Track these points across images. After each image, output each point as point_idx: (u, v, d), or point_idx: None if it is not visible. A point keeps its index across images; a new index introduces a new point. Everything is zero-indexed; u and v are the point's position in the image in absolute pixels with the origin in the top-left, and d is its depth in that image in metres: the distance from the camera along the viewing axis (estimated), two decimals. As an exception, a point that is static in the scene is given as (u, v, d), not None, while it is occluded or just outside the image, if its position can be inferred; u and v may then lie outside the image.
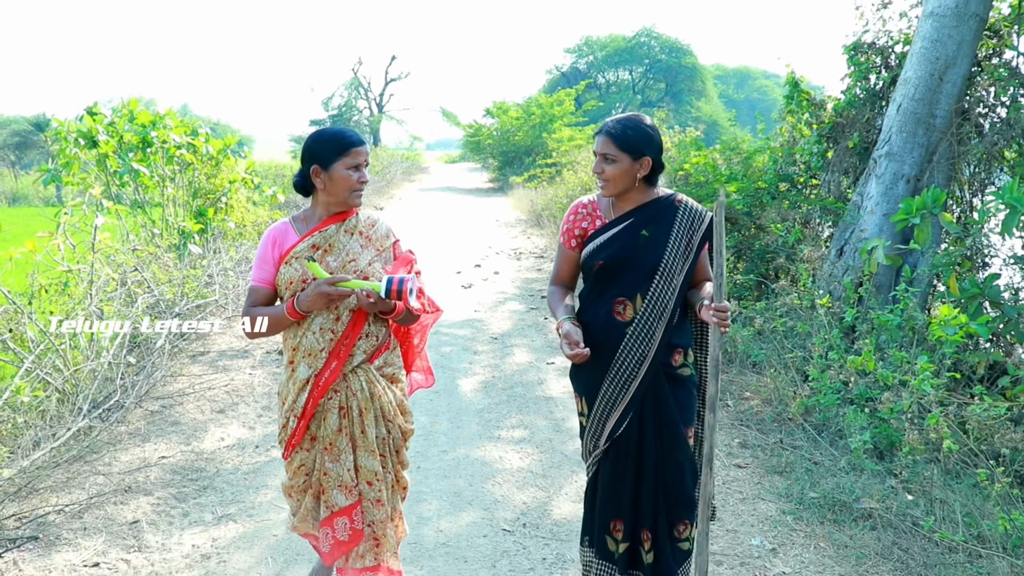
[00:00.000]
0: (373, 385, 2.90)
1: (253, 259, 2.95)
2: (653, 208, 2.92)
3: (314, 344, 2.83)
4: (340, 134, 2.81)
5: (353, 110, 59.57)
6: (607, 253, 2.90)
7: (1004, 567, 3.40)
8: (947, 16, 6.78)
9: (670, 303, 2.85)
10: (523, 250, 13.46)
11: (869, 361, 4.55)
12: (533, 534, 4.03)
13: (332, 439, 2.87)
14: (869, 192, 7.10)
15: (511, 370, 6.80)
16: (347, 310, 2.84)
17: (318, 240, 2.84)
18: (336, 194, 2.81)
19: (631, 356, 2.86)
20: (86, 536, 3.93)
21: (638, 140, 2.81)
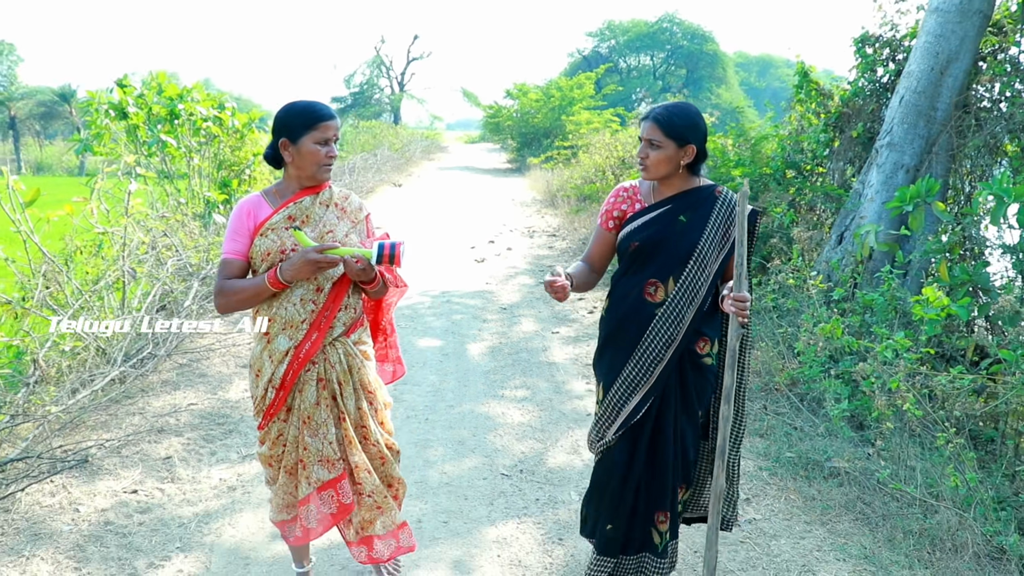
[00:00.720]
0: (351, 358, 2.89)
1: None
2: (693, 196, 2.93)
3: (294, 315, 2.79)
4: (310, 107, 2.75)
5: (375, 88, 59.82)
6: (644, 235, 2.91)
7: (953, 519, 3.75)
8: (951, 12, 6.97)
9: (702, 289, 2.87)
10: (536, 229, 13.79)
11: (837, 329, 4.90)
12: (529, 479, 4.42)
13: (310, 412, 2.84)
14: (870, 181, 7.32)
15: (517, 337, 7.17)
16: (328, 280, 2.81)
17: (293, 211, 2.80)
18: (304, 168, 2.76)
19: (659, 338, 2.88)
20: (124, 468, 4.35)
21: (684, 128, 2.82)
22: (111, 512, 3.89)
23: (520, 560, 3.63)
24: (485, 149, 43.30)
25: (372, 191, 18.91)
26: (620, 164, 14.48)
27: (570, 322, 7.72)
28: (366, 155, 23.10)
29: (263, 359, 2.84)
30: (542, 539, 3.80)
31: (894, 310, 5.71)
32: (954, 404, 4.29)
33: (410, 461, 4.57)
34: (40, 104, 45.34)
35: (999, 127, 7.12)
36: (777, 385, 5.66)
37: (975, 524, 3.69)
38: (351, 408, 2.89)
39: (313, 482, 2.85)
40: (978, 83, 7.23)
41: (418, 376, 6.04)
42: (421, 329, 7.38)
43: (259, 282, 2.70)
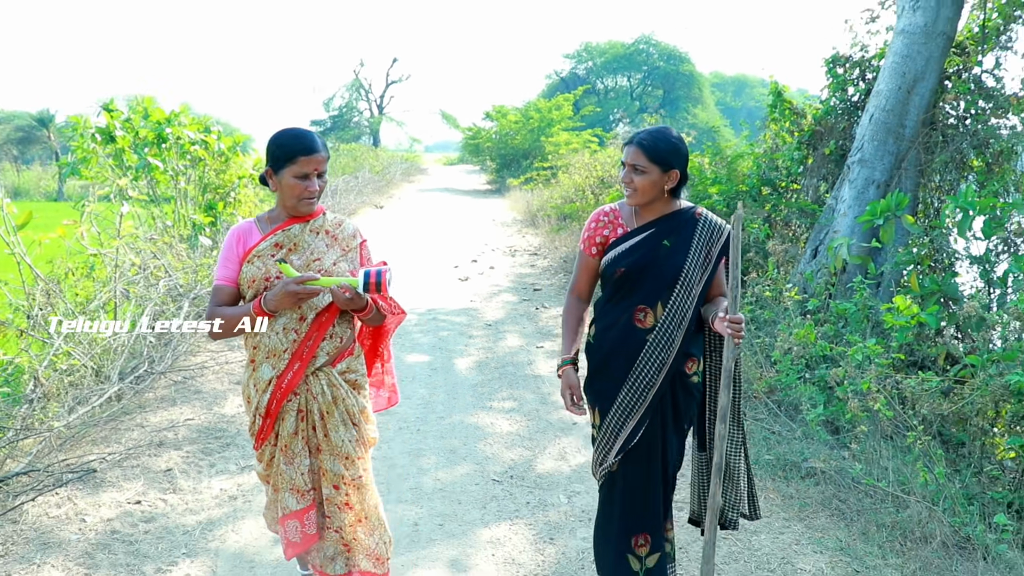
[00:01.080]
0: (335, 389, 2.84)
1: None
2: (675, 219, 2.95)
3: (277, 344, 2.77)
4: (294, 139, 2.69)
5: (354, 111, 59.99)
6: (629, 261, 2.92)
7: (923, 512, 3.95)
8: (916, 34, 7.23)
9: (689, 312, 2.89)
10: (518, 248, 14.00)
11: (811, 335, 5.12)
12: (519, 484, 4.59)
13: (287, 441, 2.82)
14: (843, 196, 7.56)
15: (503, 352, 7.35)
16: (311, 310, 2.78)
17: (281, 239, 2.77)
18: (284, 199, 2.75)
19: (651, 363, 2.89)
20: (127, 480, 4.48)
21: (668, 153, 2.84)
22: (116, 521, 4.02)
23: (514, 559, 3.80)
24: (464, 171, 43.59)
25: (354, 213, 19.08)
26: (599, 184, 14.72)
27: (554, 337, 7.90)
28: (348, 178, 23.28)
29: (250, 387, 2.86)
30: (534, 539, 3.97)
31: (866, 318, 5.94)
32: (923, 405, 4.50)
33: (404, 469, 4.73)
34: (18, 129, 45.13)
35: (965, 143, 7.40)
36: (756, 393, 5.86)
37: (943, 516, 3.90)
38: (337, 440, 2.84)
39: (282, 509, 2.85)
40: (944, 101, 7.50)
41: (408, 390, 6.19)
42: (409, 345, 7.53)
43: (244, 310, 2.69)
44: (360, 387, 2.95)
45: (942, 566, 3.64)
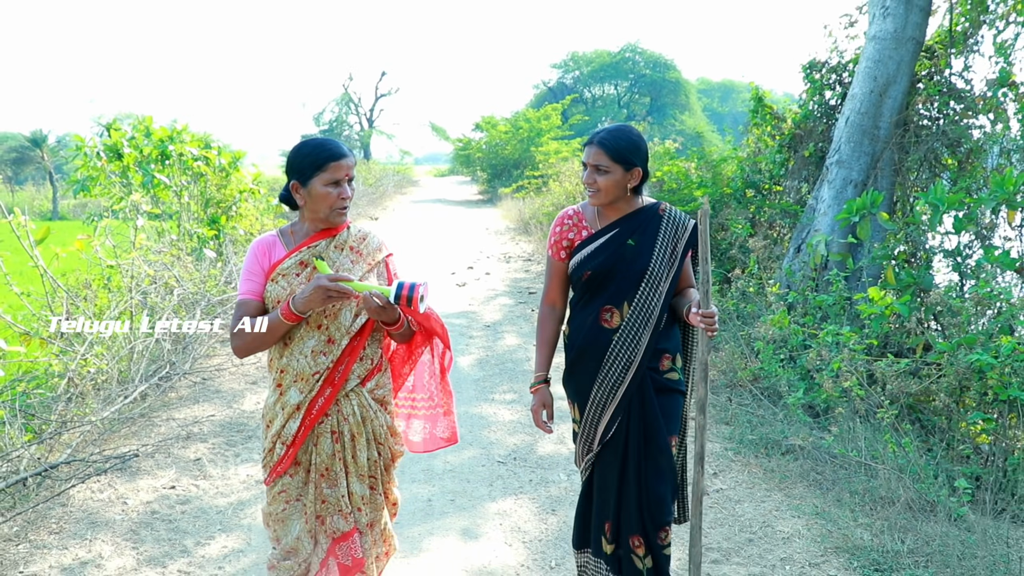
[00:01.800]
0: (365, 409, 2.74)
1: None
2: (639, 217, 2.94)
3: (305, 367, 2.65)
4: (320, 147, 2.62)
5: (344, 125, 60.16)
6: (595, 263, 2.91)
7: (892, 478, 4.33)
8: (887, 39, 7.63)
9: (656, 309, 2.88)
10: (512, 254, 14.40)
11: (784, 320, 5.51)
12: (522, 465, 4.97)
13: (327, 464, 2.71)
14: (822, 196, 7.93)
15: (502, 350, 7.73)
16: (341, 332, 2.67)
17: (306, 256, 2.66)
18: (316, 211, 2.64)
19: (618, 362, 2.89)
20: (160, 469, 4.85)
21: (629, 151, 2.83)
22: (155, 504, 4.39)
23: (519, 527, 4.18)
24: (455, 182, 44.00)
25: (350, 224, 19.37)
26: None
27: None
28: (342, 190, 23.58)
29: (276, 411, 2.71)
30: (537, 511, 4.35)
31: (842, 309, 6.33)
32: (892, 385, 4.90)
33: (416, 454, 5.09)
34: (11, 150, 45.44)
35: (937, 143, 7.80)
36: (741, 381, 6.24)
37: (909, 482, 4.28)
38: (363, 461, 2.75)
39: (331, 533, 2.75)
40: (916, 103, 7.89)
41: (414, 386, 6.52)
42: (412, 346, 7.85)
43: (273, 317, 2.56)
44: (386, 403, 2.85)
45: (906, 525, 4.01)
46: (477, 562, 3.84)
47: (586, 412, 3.00)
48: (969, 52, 8.15)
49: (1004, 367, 4.52)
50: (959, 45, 8.18)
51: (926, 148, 7.74)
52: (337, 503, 2.73)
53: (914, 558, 3.73)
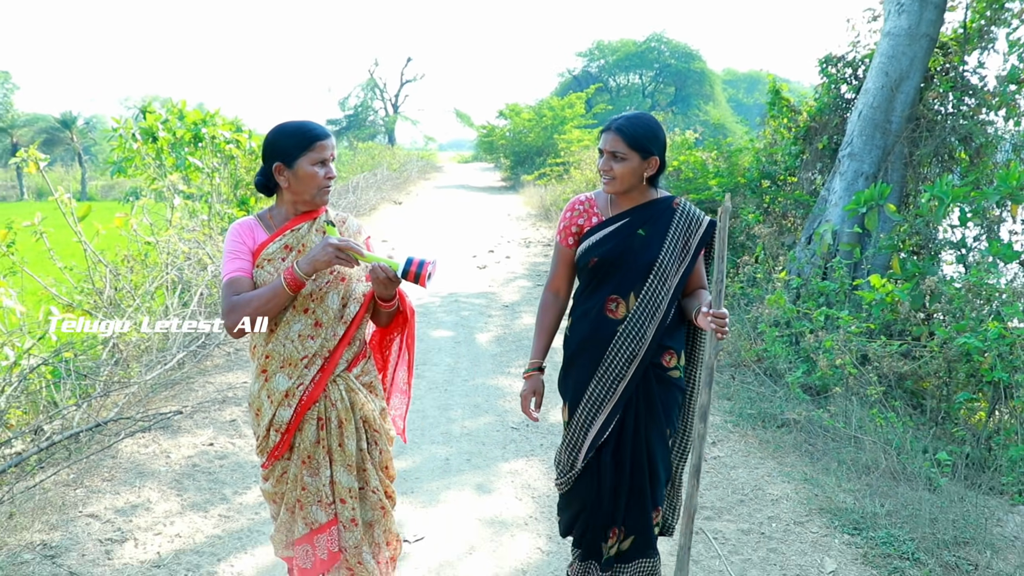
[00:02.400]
0: (353, 394, 2.69)
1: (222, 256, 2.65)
2: (651, 208, 2.88)
3: (293, 352, 2.60)
4: (303, 127, 2.58)
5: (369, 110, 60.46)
6: (602, 250, 2.85)
7: (877, 449, 4.64)
8: (901, 35, 7.84)
9: (663, 303, 2.81)
10: (532, 239, 14.74)
11: (780, 299, 5.82)
12: (533, 431, 5.33)
13: (310, 451, 2.66)
14: (834, 187, 8.17)
15: (519, 329, 8.09)
16: (328, 315, 2.63)
17: (290, 240, 2.61)
18: (302, 192, 2.58)
19: (621, 354, 2.81)
20: (199, 428, 5.24)
21: (647, 139, 2.78)
22: (196, 458, 4.79)
23: (529, 484, 4.54)
24: (479, 168, 44.34)
25: (374, 208, 19.83)
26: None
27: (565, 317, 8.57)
28: (367, 174, 24.05)
29: (261, 398, 2.66)
30: (546, 471, 4.71)
31: (845, 296, 6.61)
32: (884, 365, 5.20)
33: (435, 419, 5.49)
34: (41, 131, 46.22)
35: (949, 137, 8.02)
36: (745, 361, 6.55)
37: (893, 452, 4.59)
38: (351, 449, 2.68)
39: (309, 523, 2.69)
40: (929, 98, 8.11)
41: (435, 358, 6.97)
42: (434, 323, 8.29)
43: (275, 284, 2.47)
44: (374, 388, 2.81)
45: (886, 491, 4.33)
46: (489, 513, 4.21)
47: (578, 412, 2.90)
48: (983, 49, 8.36)
49: (991, 351, 4.80)
50: (973, 42, 8.38)
51: (938, 142, 7.96)
52: (317, 492, 2.66)
53: (890, 519, 4.05)
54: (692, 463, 2.71)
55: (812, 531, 4.02)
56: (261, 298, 2.47)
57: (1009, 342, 4.81)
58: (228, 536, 3.91)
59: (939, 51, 8.34)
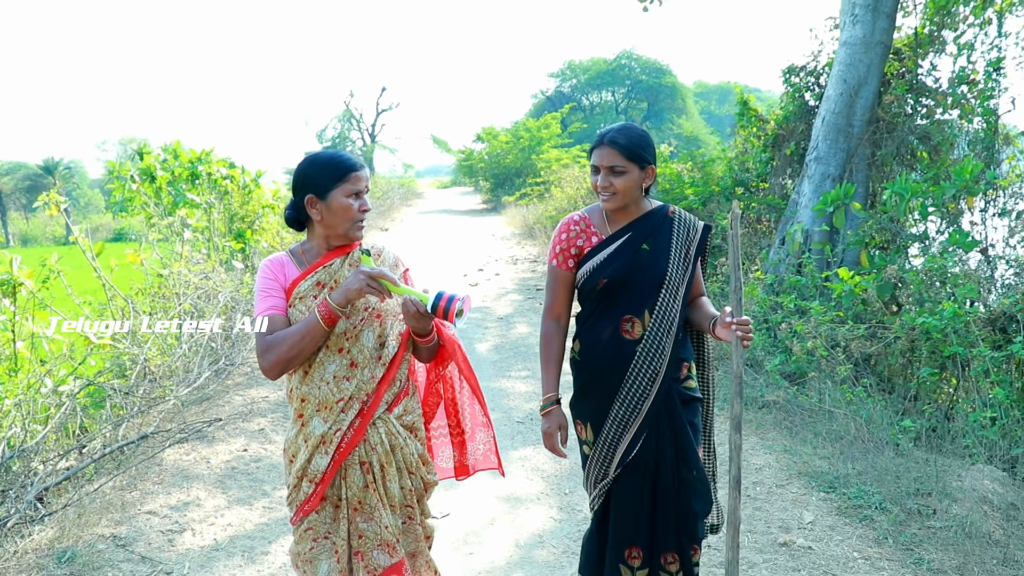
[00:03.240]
0: (393, 437, 2.57)
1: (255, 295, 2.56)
2: (650, 220, 2.81)
3: (328, 395, 2.49)
4: (337, 158, 2.49)
5: (346, 141, 60.86)
6: (611, 270, 2.75)
7: (848, 421, 5.17)
8: (857, 45, 8.40)
9: (676, 316, 2.74)
10: (519, 257, 15.30)
11: (755, 291, 6.34)
12: (538, 424, 5.73)
13: (360, 497, 2.54)
14: (803, 190, 8.70)
15: (515, 338, 8.62)
16: (364, 355, 2.52)
17: (322, 276, 2.51)
18: (335, 226, 2.48)
19: (643, 374, 2.73)
20: (231, 437, 5.71)
21: (643, 148, 2.70)
22: (233, 462, 5.26)
23: (538, 467, 5.07)
24: (459, 192, 44.88)
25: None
26: (590, 194, 16.01)
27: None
28: (352, 203, 24.51)
29: (298, 443, 2.55)
30: (553, 457, 5.15)
31: (816, 288, 7.13)
32: (853, 347, 5.73)
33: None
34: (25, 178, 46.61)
35: (908, 137, 8.57)
36: (727, 353, 7.06)
37: (862, 422, 5.10)
38: (394, 491, 2.58)
39: (371, 569, 2.55)
40: (888, 101, 8.67)
41: (439, 368, 7.40)
42: (433, 338, 8.73)
43: (310, 320, 2.38)
44: (416, 429, 2.68)
45: (857, 456, 4.87)
46: (505, 491, 4.71)
47: (604, 432, 2.81)
48: (936, 52, 8.96)
49: (948, 328, 5.31)
50: (925, 47, 8.97)
51: (898, 143, 8.51)
52: (377, 536, 2.54)
53: (860, 478, 4.57)
54: (732, 475, 2.64)
55: (792, 491, 4.53)
56: (295, 335, 2.38)
57: (963, 320, 5.34)
58: (274, 523, 4.40)
59: (894, 56, 8.91)
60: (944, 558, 3.77)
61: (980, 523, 3.95)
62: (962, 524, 3.97)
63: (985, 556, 3.74)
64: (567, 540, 4.19)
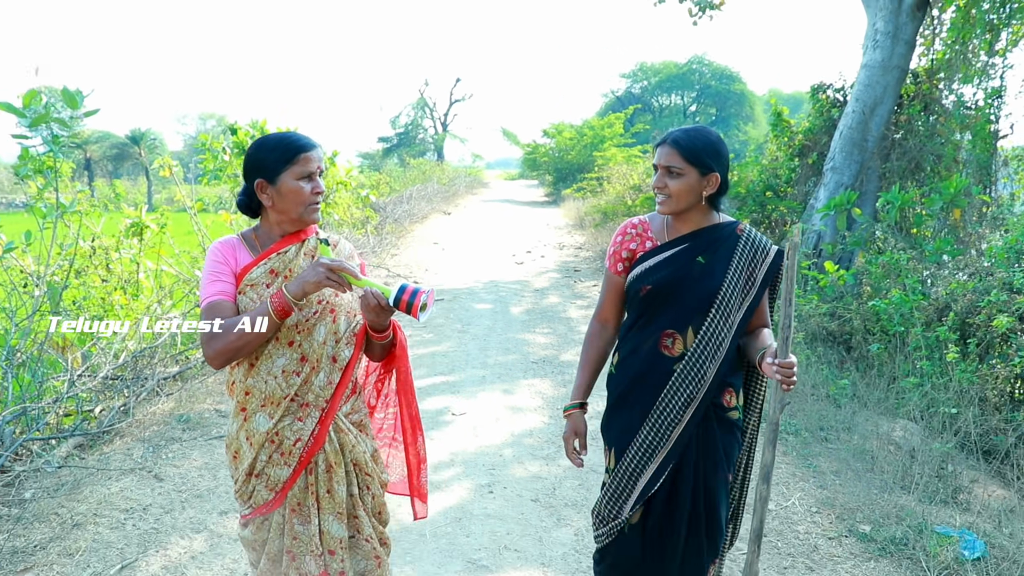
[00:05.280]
0: (343, 434, 2.47)
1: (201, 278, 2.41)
2: (712, 234, 2.61)
3: (275, 389, 2.37)
4: (286, 139, 2.37)
5: (419, 128, 62.12)
6: (656, 277, 2.57)
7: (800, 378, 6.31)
8: (875, 67, 9.41)
9: (726, 341, 2.52)
10: (566, 244, 16.60)
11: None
12: (549, 364, 7.19)
13: (300, 498, 2.45)
14: (819, 196, 9.74)
15: (545, 305, 10.00)
16: (315, 349, 2.39)
17: (276, 264, 2.38)
18: (287, 210, 2.37)
19: (677, 397, 2.53)
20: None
21: (707, 153, 2.52)
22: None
23: (541, 391, 6.41)
24: (524, 185, 46.22)
25: (426, 217, 21.81)
26: (634, 189, 17.18)
27: (585, 298, 10.54)
28: (419, 186, 26.09)
29: (240, 440, 2.44)
30: (556, 386, 6.55)
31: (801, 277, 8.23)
32: (813, 322, 6.87)
33: (476, 356, 7.37)
34: (113, 147, 48.79)
35: (917, 152, 9.55)
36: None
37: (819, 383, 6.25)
38: (341, 496, 2.46)
39: (302, 574, 2.47)
40: (901, 120, 9.67)
41: (477, 321, 8.89)
42: (477, 300, 10.24)
43: (260, 310, 2.24)
44: (365, 428, 2.59)
45: (810, 411, 5.98)
46: (511, 403, 6.10)
47: (625, 459, 2.62)
48: (949, 80, 9.91)
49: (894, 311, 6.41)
50: (940, 73, 9.93)
51: (908, 158, 9.50)
52: (309, 542, 2.45)
53: (793, 420, 5.73)
54: (753, 527, 2.53)
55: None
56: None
57: (909, 305, 6.43)
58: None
59: (912, 80, 9.88)
60: (827, 464, 5.00)
61: (876, 452, 5.10)
62: (855, 449, 5.14)
63: (859, 467, 4.92)
64: (550, 435, 5.50)
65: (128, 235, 7.50)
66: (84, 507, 4.26)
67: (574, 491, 4.66)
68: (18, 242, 5.59)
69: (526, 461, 5.06)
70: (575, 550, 4.00)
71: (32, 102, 5.43)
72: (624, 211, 16.11)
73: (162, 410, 5.64)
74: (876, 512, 4.30)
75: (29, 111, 5.48)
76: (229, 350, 2.23)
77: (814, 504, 4.50)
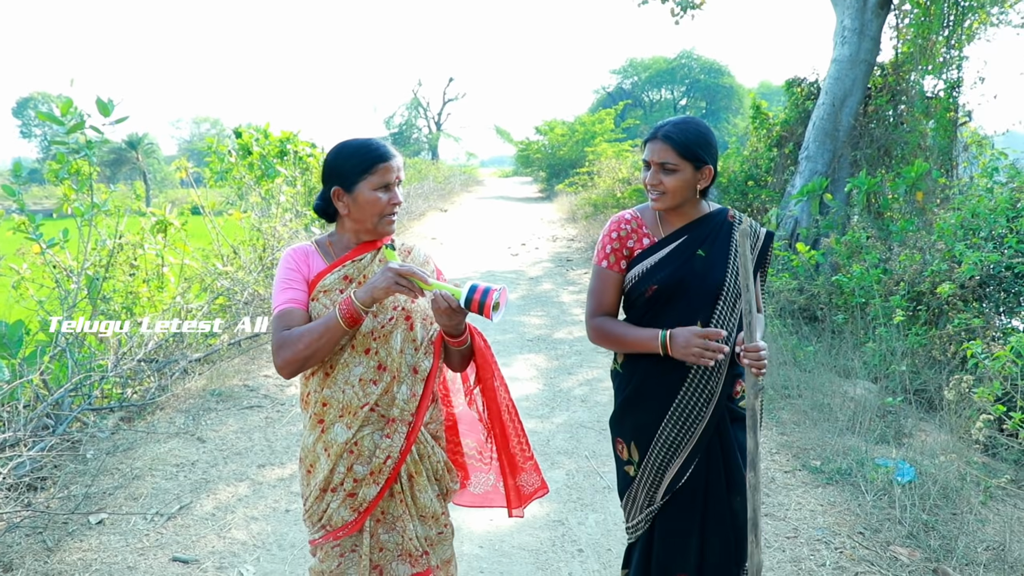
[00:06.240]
0: (421, 445, 2.44)
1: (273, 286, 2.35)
2: (707, 224, 2.58)
3: (353, 399, 2.32)
4: (365, 147, 2.30)
5: (413, 128, 62.57)
6: (661, 276, 2.52)
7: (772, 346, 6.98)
8: (844, 62, 10.05)
9: (734, 331, 2.50)
10: (559, 236, 17.29)
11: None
12: (544, 343, 7.86)
13: (384, 507, 2.43)
14: (795, 184, 10.36)
15: (539, 291, 10.68)
16: (393, 357, 2.34)
17: (350, 271, 2.34)
18: (363, 220, 2.32)
19: (697, 394, 2.50)
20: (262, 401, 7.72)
21: (699, 146, 2.48)
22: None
23: (536, 365, 7.09)
24: (518, 182, 46.87)
25: (423, 215, 22.49)
26: (623, 183, 17.86)
27: (576, 284, 11.21)
28: (416, 185, 26.75)
29: (317, 451, 2.39)
30: (550, 359, 7.21)
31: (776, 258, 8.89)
32: (781, 297, 7.53)
33: (475, 337, 7.97)
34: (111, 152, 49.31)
35: (885, 141, 10.21)
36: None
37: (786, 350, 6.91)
38: (423, 502, 2.46)
39: None
40: (869, 111, 10.32)
41: (475, 309, 9.47)
42: (475, 290, 10.81)
43: (329, 317, 2.18)
44: (439, 438, 2.55)
45: (776, 373, 6.63)
46: (508, 374, 6.67)
47: (650, 454, 2.60)
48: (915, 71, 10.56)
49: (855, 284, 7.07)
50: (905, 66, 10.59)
51: (876, 146, 10.16)
52: (398, 547, 2.44)
53: (771, 386, 6.38)
54: (749, 517, 2.43)
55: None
56: (313, 333, 2.18)
57: (869, 280, 7.09)
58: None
59: (880, 72, 10.54)
60: (789, 416, 5.69)
61: (834, 405, 5.75)
62: (814, 404, 5.80)
63: (817, 417, 5.58)
64: (544, 398, 6.19)
65: (153, 232, 8.13)
66: (140, 463, 4.93)
67: (565, 442, 5.35)
68: (57, 239, 6.25)
69: (523, 419, 5.64)
70: (567, 486, 4.72)
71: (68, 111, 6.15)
72: (614, 203, 16.80)
73: (196, 387, 6.30)
74: (827, 451, 4.99)
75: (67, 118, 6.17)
76: (298, 359, 2.19)
77: (774, 447, 5.18)
